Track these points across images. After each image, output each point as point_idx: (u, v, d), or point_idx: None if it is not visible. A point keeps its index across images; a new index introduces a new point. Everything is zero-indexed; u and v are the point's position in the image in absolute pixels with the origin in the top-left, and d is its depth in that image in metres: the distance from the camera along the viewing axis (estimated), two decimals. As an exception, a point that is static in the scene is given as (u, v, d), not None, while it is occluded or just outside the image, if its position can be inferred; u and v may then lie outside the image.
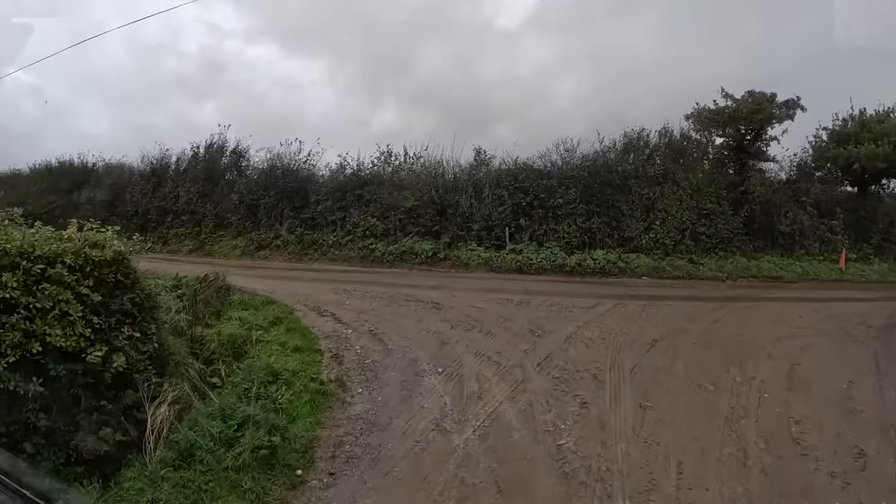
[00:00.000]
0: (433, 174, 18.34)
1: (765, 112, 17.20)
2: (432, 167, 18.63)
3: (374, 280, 14.43)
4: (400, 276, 15.54)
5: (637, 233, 16.52)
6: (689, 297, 13.28)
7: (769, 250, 18.34)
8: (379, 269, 17.19)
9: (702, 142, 18.59)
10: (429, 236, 17.47)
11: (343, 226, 19.14)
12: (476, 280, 14.61)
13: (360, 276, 15.39)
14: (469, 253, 16.47)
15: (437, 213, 17.42)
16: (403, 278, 14.96)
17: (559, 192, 16.56)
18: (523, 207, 16.69)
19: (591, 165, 16.89)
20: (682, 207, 17.01)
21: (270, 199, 21.13)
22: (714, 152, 18.17)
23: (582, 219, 16.43)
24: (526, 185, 16.65)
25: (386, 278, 14.90)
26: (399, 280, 14.52)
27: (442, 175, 18.25)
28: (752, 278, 16.87)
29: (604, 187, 16.66)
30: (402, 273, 16.11)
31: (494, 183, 17.03)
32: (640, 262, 15.92)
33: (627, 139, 17.51)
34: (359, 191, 18.97)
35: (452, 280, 14.37)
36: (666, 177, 17.00)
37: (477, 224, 16.82)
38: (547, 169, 17.18)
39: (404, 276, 15.48)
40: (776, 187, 18.83)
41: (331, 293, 12.80)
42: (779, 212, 18.48)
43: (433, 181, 17.74)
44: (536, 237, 16.45)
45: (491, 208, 16.81)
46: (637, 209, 16.77)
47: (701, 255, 17.03)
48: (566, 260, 15.63)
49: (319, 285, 13.78)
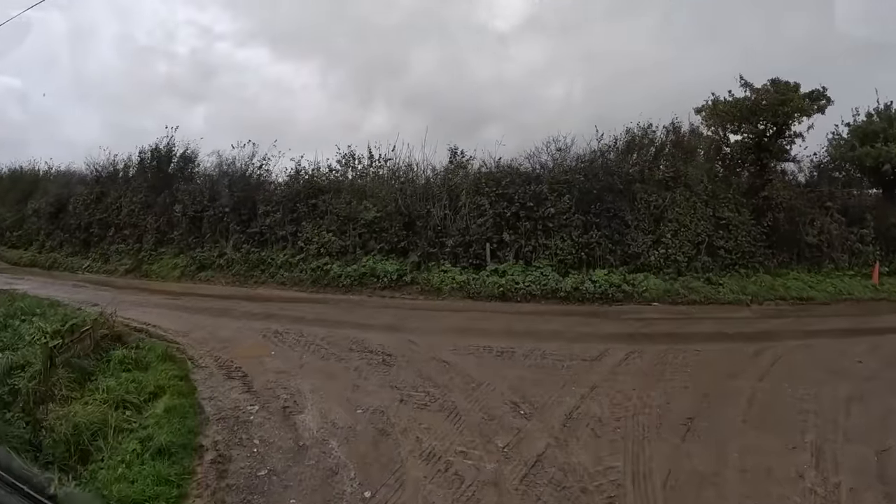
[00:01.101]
0: (401, 179, 15.54)
1: (791, 104, 14.55)
2: (401, 171, 15.84)
3: (318, 315, 11.52)
4: (353, 307, 12.62)
5: (644, 248, 13.75)
6: (717, 334, 10.47)
7: (794, 265, 15.74)
8: (333, 294, 14.34)
9: (714, 139, 15.97)
10: (394, 254, 14.64)
11: (294, 242, 16.26)
12: (447, 314, 11.69)
13: (305, 307, 12.47)
14: (441, 275, 13.63)
15: (404, 226, 14.58)
16: (356, 312, 12.05)
17: (550, 200, 13.73)
18: (507, 219, 13.83)
19: (588, 167, 14.06)
20: (696, 217, 14.30)
21: (215, 211, 18.20)
22: (731, 151, 15.52)
23: (578, 232, 13.63)
24: (510, 192, 13.78)
25: (334, 312, 11.97)
26: (349, 315, 11.59)
27: (412, 180, 15.45)
28: (779, 301, 14.23)
29: (604, 193, 13.84)
30: (358, 303, 13.21)
31: (473, 189, 14.16)
32: (648, 284, 13.19)
33: (630, 136, 14.83)
34: (313, 200, 16.10)
35: (417, 315, 11.45)
36: (676, 180, 14.23)
37: (452, 239, 13.97)
38: (536, 172, 14.33)
39: (358, 308, 12.56)
40: (799, 192, 16.26)
41: (257, 336, 9.89)
42: (804, 220, 15.91)
43: (400, 188, 14.93)
44: (523, 255, 13.63)
45: (468, 220, 13.94)
46: (644, 219, 13.97)
47: (719, 272, 14.39)
48: (560, 283, 12.83)
49: (249, 323, 10.86)
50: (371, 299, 13.79)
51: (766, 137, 15.20)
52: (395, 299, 13.66)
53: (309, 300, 13.61)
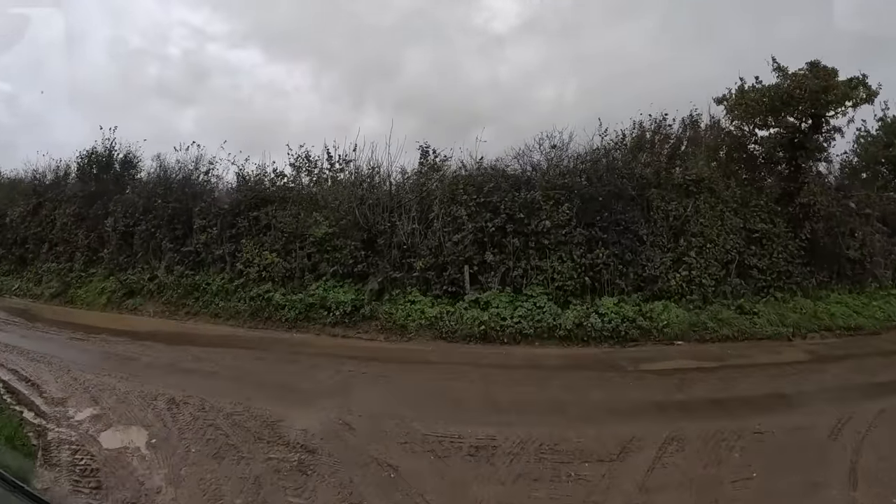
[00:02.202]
0: (364, 186, 12.60)
1: (834, 91, 11.85)
2: (364, 176, 12.90)
3: (238, 370, 8.31)
4: (291, 354, 9.40)
5: (663, 269, 10.72)
6: (773, 396, 7.32)
7: (834, 284, 12.99)
8: (273, 332, 11.22)
9: (738, 135, 13.19)
10: (350, 280, 11.58)
11: (233, 264, 13.24)
12: (408, 369, 8.55)
13: (229, 356, 9.19)
14: (408, 308, 10.53)
15: (364, 243, 11.56)
16: (290, 365, 8.80)
17: (545, 210, 10.69)
18: (491, 234, 10.75)
19: (591, 168, 11.11)
20: (724, 229, 11.40)
21: (148, 225, 15.14)
22: (761, 149, 12.74)
23: (581, 250, 10.58)
24: (495, 200, 10.73)
25: (262, 365, 8.76)
26: (279, 371, 8.47)
27: (376, 186, 12.53)
28: (824, 331, 11.32)
29: (612, 201, 10.83)
30: (300, 346, 9.98)
31: (448, 197, 11.13)
32: (669, 316, 10.24)
33: (640, 131, 12.06)
34: (255, 213, 13.10)
35: (368, 371, 8.29)
36: (700, 184, 11.34)
37: (421, 261, 10.87)
38: (526, 175, 11.33)
39: (296, 356, 9.33)
40: (835, 197, 13.56)
41: (147, 409, 6.90)
42: (843, 231, 13.20)
43: (359, 196, 12.01)
44: (511, 280, 10.57)
45: (442, 236, 10.97)
46: (661, 233, 10.97)
47: (751, 298, 11.60)
48: (558, 318, 9.80)
49: (148, 383, 7.76)
50: (319, 339, 10.76)
51: (802, 132, 12.50)
52: (349, 339, 10.62)
53: (240, 342, 10.50)
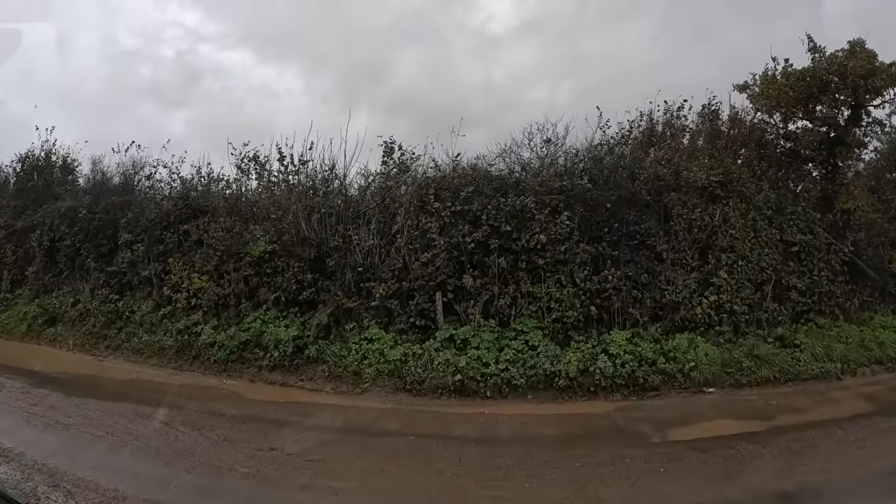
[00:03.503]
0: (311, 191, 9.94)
1: (882, 76, 9.51)
2: (316, 179, 10.25)
3: (116, 446, 5.86)
4: (205, 419, 6.58)
5: (686, 294, 8.14)
6: (850, 481, 5.05)
7: (877, 304, 10.62)
8: (200, 376, 8.58)
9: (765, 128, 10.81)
10: (296, 309, 8.94)
11: (160, 288, 10.56)
12: (353, 445, 5.85)
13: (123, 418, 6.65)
14: (364, 347, 7.83)
15: (311, 264, 9.01)
16: (203, 431, 6.13)
17: (539, 221, 8.03)
18: (470, 251, 8.07)
19: (595, 168, 8.57)
20: (758, 242, 8.92)
21: (73, 239, 12.41)
22: (796, 145, 10.31)
23: (585, 271, 7.95)
24: (475, 209, 8.04)
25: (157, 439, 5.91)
26: (171, 454, 5.61)
27: (332, 193, 9.93)
28: (875, 365, 8.91)
29: (622, 208, 8.30)
30: (224, 400, 7.26)
31: (416, 205, 8.46)
32: (697, 354, 7.68)
33: (650, 123, 9.58)
34: (185, 225, 10.44)
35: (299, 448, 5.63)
36: (728, 187, 8.82)
37: (383, 286, 8.23)
38: (515, 176, 8.70)
39: (213, 419, 6.59)
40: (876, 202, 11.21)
41: None
42: (884, 241, 10.87)
43: (308, 204, 9.40)
44: (497, 310, 7.90)
45: (408, 254, 8.35)
46: (684, 248, 8.37)
47: (789, 325, 9.14)
48: (557, 361, 7.12)
49: None
50: (252, 389, 8.03)
51: (839, 125, 10.17)
52: (289, 390, 7.90)
53: (152, 392, 7.66)
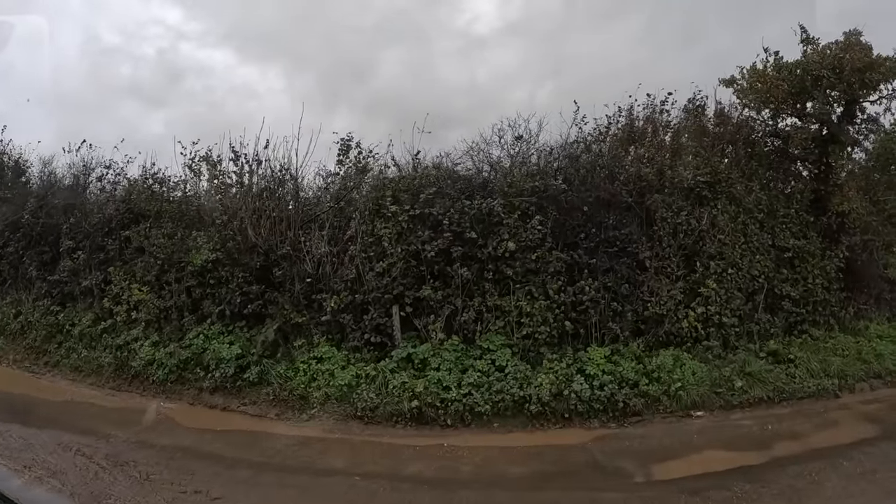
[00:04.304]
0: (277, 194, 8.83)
1: (881, 69, 8.65)
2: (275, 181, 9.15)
3: None
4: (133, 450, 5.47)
5: (671, 305, 7.16)
6: None
7: (871, 312, 9.77)
8: (139, 397, 7.55)
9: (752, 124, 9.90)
10: (242, 323, 7.88)
11: (101, 299, 9.42)
12: (290, 488, 4.83)
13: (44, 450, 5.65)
14: (312, 368, 6.72)
15: (258, 274, 7.97)
16: (125, 469, 5.15)
17: (508, 226, 7.03)
18: (430, 260, 7.01)
19: (570, 166, 7.59)
20: (749, 248, 7.99)
21: (16, 246, 11.23)
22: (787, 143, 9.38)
23: (559, 282, 6.93)
24: (436, 213, 7.01)
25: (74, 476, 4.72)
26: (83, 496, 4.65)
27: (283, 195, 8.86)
28: (873, 379, 8.02)
29: (600, 211, 7.31)
30: (156, 427, 6.24)
31: (372, 208, 7.43)
32: (684, 373, 6.68)
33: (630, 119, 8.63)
34: (126, 232, 9.32)
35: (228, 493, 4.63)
36: (716, 188, 7.86)
37: (334, 298, 7.18)
38: (482, 177, 7.68)
39: (141, 450, 5.45)
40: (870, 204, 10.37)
41: None
42: (879, 246, 10.02)
43: (256, 208, 8.32)
44: (461, 326, 6.84)
45: (362, 263, 7.33)
46: (669, 255, 7.38)
47: (782, 338, 8.22)
48: (528, 385, 6.09)
49: None
50: (191, 413, 6.93)
51: (834, 122, 9.31)
52: (231, 415, 6.83)
53: (82, 416, 6.55)
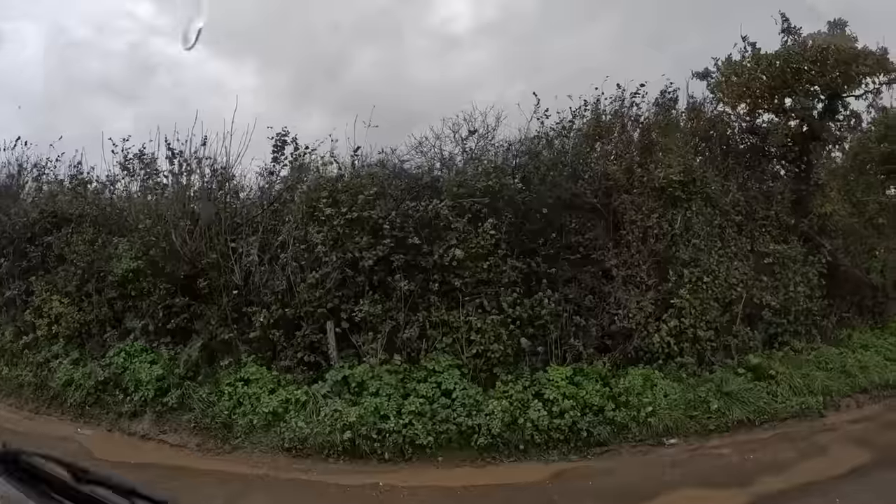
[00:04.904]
0: (210, 193, 7.89)
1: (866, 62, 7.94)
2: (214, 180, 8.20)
3: None
4: None
5: (640, 319, 6.28)
6: None
7: (854, 320, 9.03)
8: (54, 424, 6.72)
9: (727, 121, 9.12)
10: (168, 339, 6.87)
11: (23, 311, 8.42)
12: None
13: None
14: (238, 391, 5.81)
15: (183, 284, 7.03)
16: None
17: (457, 231, 6.13)
18: (369, 270, 6.07)
19: (530, 164, 6.70)
20: (726, 253, 7.22)
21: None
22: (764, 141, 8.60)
23: (514, 294, 6.04)
24: (375, 217, 6.10)
25: None
26: None
27: (226, 196, 7.94)
28: (859, 394, 7.34)
29: (561, 214, 6.43)
30: None
31: (306, 212, 6.46)
32: (654, 396, 5.83)
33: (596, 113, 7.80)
34: (48, 238, 8.34)
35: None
36: (690, 188, 7.01)
37: (264, 312, 6.21)
38: (433, 175, 6.81)
39: None
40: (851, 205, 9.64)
41: None
42: (862, 249, 9.32)
43: (183, 211, 7.40)
44: (404, 343, 5.94)
45: (293, 274, 6.44)
46: (638, 263, 6.51)
47: (762, 351, 7.43)
48: (477, 413, 5.24)
49: None
50: (107, 442, 5.97)
51: (815, 118, 8.58)
52: (149, 444, 5.93)
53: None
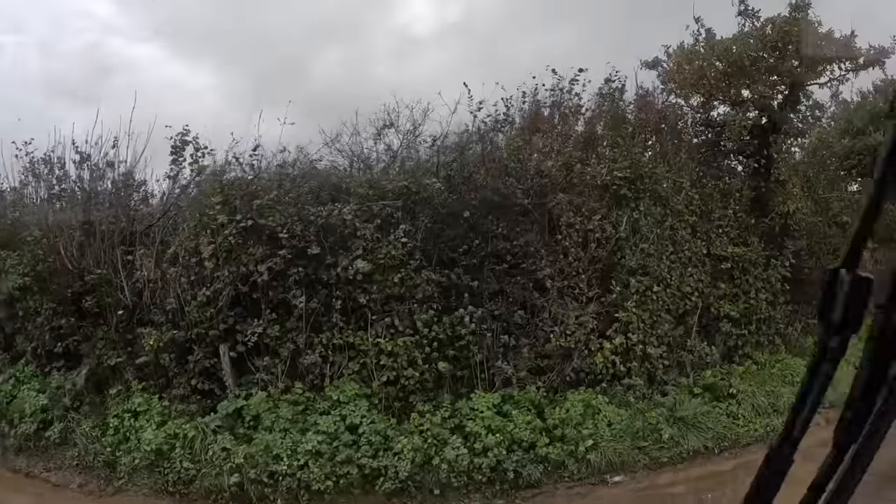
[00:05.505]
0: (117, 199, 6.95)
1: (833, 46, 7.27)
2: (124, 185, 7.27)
3: None
4: None
5: (580, 336, 5.42)
6: None
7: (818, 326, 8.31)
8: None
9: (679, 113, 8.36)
10: (59, 363, 6.05)
11: None
12: None
13: None
14: (125, 424, 4.88)
15: (72, 303, 6.16)
16: None
17: (365, 239, 5.24)
18: (265, 285, 5.14)
19: (457, 162, 5.75)
20: (679, 259, 6.48)
21: None
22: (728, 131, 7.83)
23: (430, 311, 5.15)
24: (272, 224, 5.16)
25: None
26: None
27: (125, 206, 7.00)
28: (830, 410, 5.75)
29: (487, 217, 5.51)
30: None
31: (199, 220, 5.74)
32: (596, 426, 5.03)
33: (536, 105, 6.99)
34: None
35: None
36: (637, 185, 6.17)
37: (154, 335, 5.27)
38: (337, 178, 5.87)
39: None
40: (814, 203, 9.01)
41: None
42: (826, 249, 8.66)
43: (79, 221, 6.48)
44: (306, 369, 5.15)
45: (181, 290, 5.59)
46: (577, 271, 5.66)
47: (720, 365, 6.69)
48: (385, 452, 4.42)
49: None
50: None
51: (775, 108, 7.87)
52: (33, 483, 5.10)
53: None
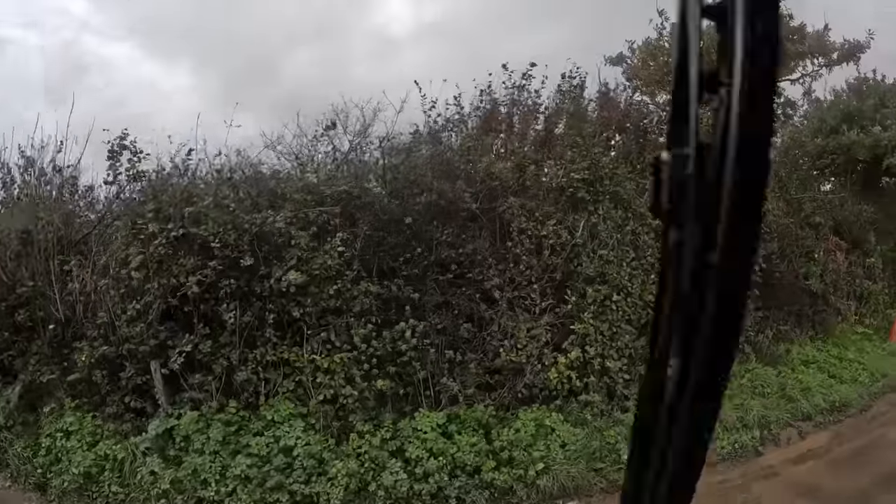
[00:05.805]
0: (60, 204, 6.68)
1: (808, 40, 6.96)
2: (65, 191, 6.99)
3: None
4: None
5: (532, 350, 5.07)
6: None
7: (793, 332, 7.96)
8: None
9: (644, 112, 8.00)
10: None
11: None
12: None
13: None
14: (58, 444, 4.64)
15: (7, 316, 5.89)
16: None
17: (299, 248, 4.90)
18: (196, 298, 4.83)
19: (400, 167, 5.46)
20: (641, 266, 6.08)
21: None
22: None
23: (369, 324, 4.83)
24: (204, 233, 4.81)
25: None
26: None
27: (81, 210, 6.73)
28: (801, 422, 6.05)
29: (432, 223, 5.22)
30: None
31: (131, 231, 5.21)
32: (549, 448, 4.67)
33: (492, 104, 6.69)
34: None
35: None
36: (597, 188, 5.81)
37: (86, 350, 4.98)
38: (275, 182, 5.62)
39: None
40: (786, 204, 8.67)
41: None
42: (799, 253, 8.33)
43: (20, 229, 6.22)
44: (243, 387, 4.93)
45: (114, 305, 5.16)
46: (529, 281, 5.33)
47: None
48: (318, 477, 4.06)
49: None
50: None
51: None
52: None
53: None
